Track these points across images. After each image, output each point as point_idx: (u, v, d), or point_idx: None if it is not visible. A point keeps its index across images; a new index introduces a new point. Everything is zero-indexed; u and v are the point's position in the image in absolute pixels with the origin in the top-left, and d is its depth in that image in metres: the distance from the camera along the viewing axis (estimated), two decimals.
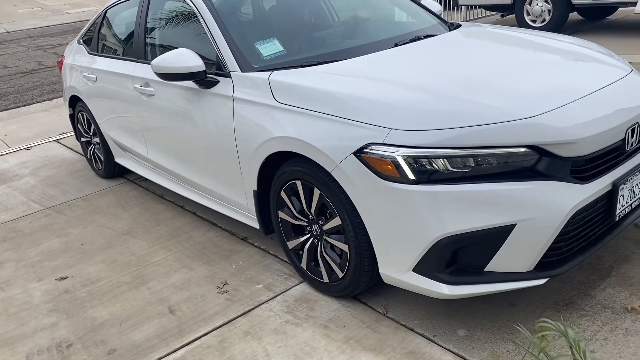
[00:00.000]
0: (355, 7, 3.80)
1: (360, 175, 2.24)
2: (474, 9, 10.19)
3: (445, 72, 2.60)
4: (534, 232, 2.12)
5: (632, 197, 2.44)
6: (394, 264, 2.29)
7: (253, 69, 2.84)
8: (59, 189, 4.60)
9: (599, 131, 2.22)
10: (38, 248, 3.61)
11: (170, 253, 3.34)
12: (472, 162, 2.12)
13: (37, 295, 3.07)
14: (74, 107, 4.82)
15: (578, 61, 2.75)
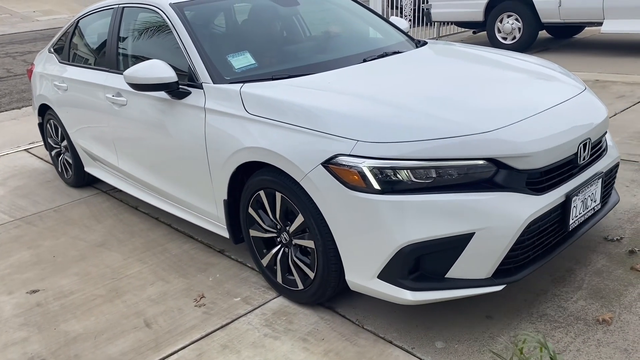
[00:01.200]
0: (326, 23, 3.93)
1: (327, 185, 2.32)
2: (447, 25, 10.40)
3: (410, 87, 2.72)
4: (492, 241, 2.23)
5: (584, 209, 2.59)
6: (360, 271, 2.37)
7: (225, 81, 2.90)
8: (29, 199, 4.50)
9: (553, 145, 2.36)
10: (7, 260, 3.52)
11: (145, 266, 3.30)
12: (434, 174, 2.24)
13: (7, 309, 2.99)
14: (43, 115, 4.80)
15: (535, 79, 2.91)
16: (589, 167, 2.63)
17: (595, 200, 2.68)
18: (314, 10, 3.95)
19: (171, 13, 3.26)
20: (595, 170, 2.64)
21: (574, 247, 3.04)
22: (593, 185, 2.61)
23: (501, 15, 8.40)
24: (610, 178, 2.88)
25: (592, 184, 2.59)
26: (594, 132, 2.61)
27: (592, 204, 2.65)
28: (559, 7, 7.70)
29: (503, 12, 8.37)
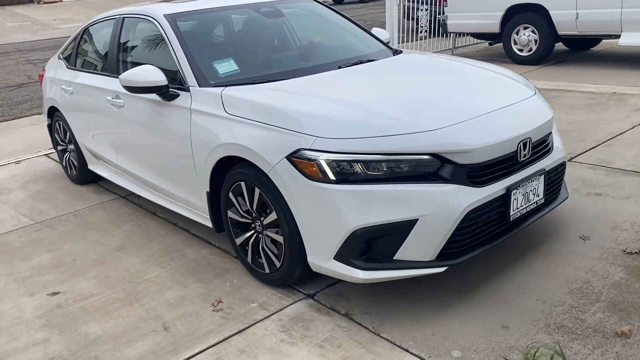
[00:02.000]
0: (311, 34, 4.23)
1: (291, 176, 2.61)
2: (463, 37, 10.41)
3: (372, 90, 3.04)
4: (434, 227, 2.51)
5: (526, 202, 2.86)
6: (319, 253, 2.65)
7: (209, 85, 3.22)
8: (50, 203, 4.57)
9: (490, 143, 2.64)
10: (29, 263, 3.58)
11: (163, 270, 3.34)
12: (384, 167, 2.52)
13: (28, 310, 3.04)
14: (52, 117, 5.09)
15: (487, 85, 3.22)
16: (532, 164, 2.90)
17: (538, 195, 2.93)
18: (300, 22, 4.24)
19: (164, 23, 3.59)
20: (538, 168, 2.91)
21: (591, 259, 3.03)
22: (535, 181, 2.88)
23: (517, 27, 8.40)
24: (556, 176, 3.13)
25: (533, 179, 2.86)
26: (535, 133, 2.87)
27: (534, 198, 2.91)
28: (576, 19, 7.69)
29: (519, 24, 8.38)
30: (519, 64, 8.47)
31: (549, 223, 3.47)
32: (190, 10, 3.80)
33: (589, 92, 6.57)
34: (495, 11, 8.52)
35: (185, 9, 3.79)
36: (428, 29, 10.11)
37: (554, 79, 7.39)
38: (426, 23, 10.07)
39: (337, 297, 2.89)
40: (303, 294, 2.95)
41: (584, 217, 3.51)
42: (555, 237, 3.31)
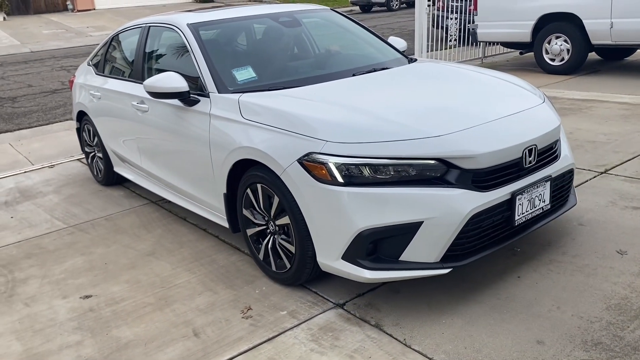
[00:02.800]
0: (328, 42, 4.34)
1: (301, 179, 2.71)
2: (493, 46, 10.31)
3: (382, 97, 3.13)
4: (439, 229, 2.58)
5: (531, 207, 2.91)
6: (327, 253, 2.73)
7: (228, 91, 3.36)
8: (82, 207, 4.65)
9: (495, 149, 2.71)
10: (62, 265, 3.64)
11: (193, 276, 3.36)
12: (391, 170, 2.60)
13: (62, 312, 3.09)
14: (81, 121, 5.29)
15: (497, 93, 3.28)
16: (538, 171, 2.95)
17: (544, 200, 2.98)
18: (318, 31, 4.39)
19: (187, 32, 3.74)
20: (544, 174, 2.95)
21: (629, 274, 2.95)
22: (541, 187, 2.93)
23: (549, 36, 8.29)
24: (563, 182, 3.16)
25: (539, 186, 2.91)
26: (540, 140, 2.92)
27: (540, 204, 2.96)
28: (611, 28, 7.55)
29: (551, 33, 8.26)
30: (551, 74, 8.34)
31: (585, 237, 3.40)
32: (212, 19, 3.94)
33: (624, 103, 6.43)
34: (527, 20, 8.42)
35: (208, 19, 3.93)
36: (457, 38, 10.04)
37: (587, 89, 7.26)
38: (455, 32, 10.01)
39: (366, 307, 2.86)
40: (332, 303, 2.93)
41: (621, 231, 3.43)
42: (591, 251, 3.23)
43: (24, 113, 8.66)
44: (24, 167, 5.92)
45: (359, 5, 24.23)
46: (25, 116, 8.47)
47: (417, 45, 9.10)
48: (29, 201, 4.90)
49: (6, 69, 13.42)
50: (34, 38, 18.88)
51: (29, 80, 11.58)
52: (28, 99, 9.73)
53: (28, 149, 6.67)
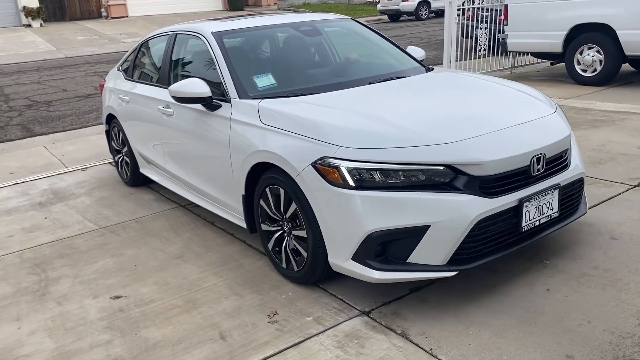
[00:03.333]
0: (347, 51, 4.46)
1: (315, 181, 2.82)
2: (523, 56, 10.20)
3: (396, 105, 3.23)
4: (446, 233, 2.66)
5: (539, 214, 2.96)
6: (338, 253, 2.83)
7: (248, 97, 3.48)
8: (113, 210, 4.75)
9: (502, 157, 2.78)
10: (93, 266, 3.72)
11: (220, 279, 3.40)
12: (401, 175, 2.70)
13: (92, 312, 3.15)
14: (110, 124, 5.46)
15: (508, 103, 3.34)
16: (546, 179, 3.00)
17: (553, 208, 3.03)
18: (337, 40, 4.50)
19: (212, 40, 3.87)
20: (552, 183, 3.01)
21: None
22: (549, 195, 2.99)
23: (581, 46, 8.16)
24: (573, 191, 3.21)
25: (547, 193, 2.97)
26: (549, 149, 2.98)
27: (548, 212, 3.01)
28: None
29: (583, 43, 8.14)
30: (582, 85, 8.22)
31: (617, 251, 3.33)
32: (236, 28, 4.08)
33: None
34: (558, 30, 8.31)
35: (231, 27, 4.07)
36: (487, 48, 9.96)
37: (620, 100, 7.12)
38: (485, 41, 9.94)
39: (392, 316, 2.85)
40: (358, 310, 2.93)
41: None
42: (623, 265, 3.17)
43: (58, 117, 8.88)
44: (57, 169, 6.07)
45: (387, 14, 24.27)
46: (60, 120, 8.69)
47: (445, 54, 9.06)
48: (62, 202, 5.02)
49: (42, 73, 13.80)
50: (69, 44, 19.38)
51: (63, 85, 11.89)
52: (62, 103, 9.99)
53: (62, 152, 6.84)
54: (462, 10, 9.19)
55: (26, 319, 3.13)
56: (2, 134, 8.05)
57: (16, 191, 5.43)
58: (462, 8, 9.14)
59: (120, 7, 26.42)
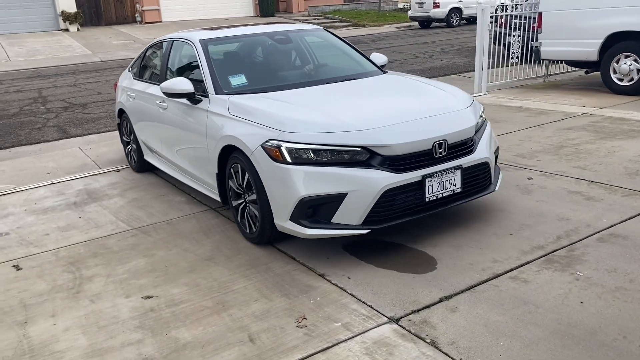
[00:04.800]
0: (314, 57, 5.15)
1: (263, 159, 3.53)
2: (556, 64, 10.04)
3: (336, 100, 3.96)
4: (360, 199, 3.36)
5: (442, 189, 3.60)
6: (280, 215, 3.54)
7: (223, 93, 4.19)
8: (145, 211, 4.84)
9: (406, 141, 3.46)
10: (126, 266, 3.79)
11: (250, 282, 3.42)
12: (328, 154, 3.40)
13: (124, 310, 3.21)
14: (120, 117, 6.16)
15: (426, 98, 4.02)
16: (449, 161, 3.62)
17: (455, 184, 3.65)
18: (307, 47, 5.18)
19: (198, 46, 4.62)
20: (455, 164, 3.63)
21: None
22: (451, 174, 3.61)
23: (618, 55, 7.99)
24: (476, 172, 3.78)
25: (449, 172, 3.60)
26: (451, 136, 3.62)
27: (451, 187, 3.64)
28: None
29: (620, 52, 7.97)
30: (618, 94, 8.04)
31: None
32: (220, 36, 4.82)
33: None
34: (594, 38, 8.16)
35: (216, 36, 4.81)
36: (519, 55, 9.83)
37: None
38: (518, 49, 9.81)
39: (422, 324, 2.84)
40: (387, 317, 2.92)
41: None
42: None
43: (93, 119, 9.09)
44: (92, 170, 6.22)
45: (417, 20, 24.16)
46: (95, 122, 8.89)
47: (477, 62, 8.98)
48: (96, 203, 5.14)
49: (78, 77, 14.15)
50: (104, 48, 19.83)
51: (98, 88, 12.16)
52: (97, 105, 10.22)
53: (96, 153, 7.00)
54: (494, 17, 9.10)
55: (61, 315, 3.21)
56: (40, 135, 8.28)
57: (52, 191, 5.58)
58: (494, 15, 9.05)
59: (154, 12, 26.94)
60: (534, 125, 6.72)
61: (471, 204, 4.35)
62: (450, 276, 3.30)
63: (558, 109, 7.51)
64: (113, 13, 27.51)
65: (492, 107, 7.88)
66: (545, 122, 6.81)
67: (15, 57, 18.83)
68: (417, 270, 3.41)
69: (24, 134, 8.41)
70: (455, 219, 4.12)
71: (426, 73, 11.76)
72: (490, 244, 3.68)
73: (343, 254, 3.70)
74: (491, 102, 8.29)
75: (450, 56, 14.08)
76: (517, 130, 6.52)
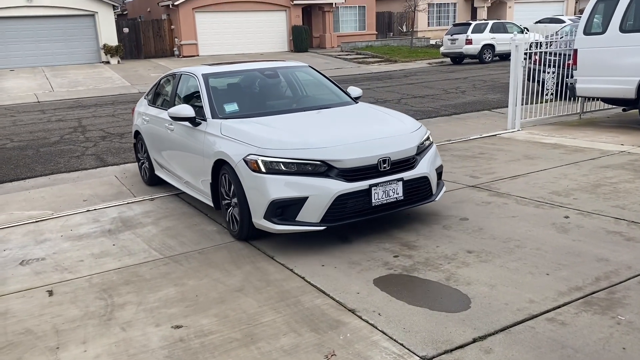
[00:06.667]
0: (296, 89, 6.01)
1: (244, 169, 4.37)
2: (592, 101, 9.90)
3: (306, 124, 4.85)
4: (317, 202, 4.19)
5: (386, 196, 4.39)
6: (256, 214, 4.37)
7: (218, 117, 5.07)
8: (178, 240, 4.89)
9: (355, 157, 4.29)
10: (157, 294, 3.82)
11: (279, 315, 3.40)
12: (295, 167, 4.25)
13: (154, 340, 3.22)
14: (137, 138, 7.01)
15: (378, 124, 4.88)
16: (393, 174, 4.42)
17: (398, 193, 4.43)
18: (291, 81, 6.04)
19: (200, 79, 5.53)
20: (397, 177, 4.43)
21: None
22: (394, 184, 4.41)
23: None
24: (417, 184, 4.57)
25: (392, 183, 4.40)
26: (394, 154, 4.43)
27: (394, 195, 4.42)
28: None
29: None
30: None
31: None
32: (220, 71, 5.77)
33: None
34: (632, 76, 8.04)
35: (217, 70, 5.76)
36: (554, 92, 9.74)
37: None
38: (552, 86, 9.73)
39: None
40: (418, 357, 2.85)
41: None
42: None
43: (129, 148, 9.32)
44: (127, 199, 6.34)
45: (450, 57, 24.29)
46: (131, 151, 9.10)
47: (511, 98, 8.93)
48: (130, 230, 5.22)
49: (117, 107, 14.59)
50: (143, 80, 20.46)
51: None
52: None
53: (131, 182, 7.15)
54: (528, 54, 9.08)
55: (92, 342, 3.23)
56: (78, 163, 8.51)
57: (88, 218, 5.70)
58: (528, 52, 9.02)
59: (192, 46, 27.76)
60: (570, 162, 6.61)
61: (507, 241, 4.27)
62: (484, 316, 3.22)
63: (595, 146, 7.38)
64: (152, 47, 28.44)
65: (525, 144, 7.79)
66: (581, 160, 6.69)
67: (59, 88, 19.58)
68: (450, 308, 3.34)
69: (63, 161, 8.67)
70: (489, 256, 4.04)
71: (458, 108, 11.74)
72: (525, 284, 3.58)
73: (374, 289, 3.65)
74: (525, 138, 8.20)
75: (483, 92, 14.05)
76: (552, 168, 6.41)
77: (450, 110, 11.65)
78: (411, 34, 31.92)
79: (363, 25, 33.24)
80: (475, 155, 7.32)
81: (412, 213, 5.11)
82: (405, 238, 4.53)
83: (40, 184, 7.45)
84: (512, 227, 4.60)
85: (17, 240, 5.11)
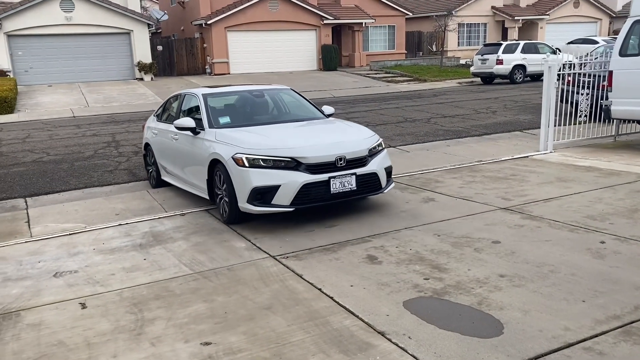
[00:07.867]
0: (278, 107, 7.22)
1: (232, 165, 5.54)
2: (628, 123, 9.69)
3: (282, 132, 6.06)
4: (288, 189, 5.36)
5: (342, 187, 5.54)
6: (241, 200, 5.51)
7: (214, 127, 6.26)
8: (207, 256, 4.92)
9: (317, 155, 5.47)
10: (186, 310, 3.84)
11: (307, 335, 3.38)
12: (271, 162, 5.43)
13: (183, 356, 3.23)
14: (146, 149, 8.10)
15: (338, 133, 6.12)
16: (348, 169, 5.58)
17: (352, 185, 5.58)
18: (274, 100, 7.23)
19: (200, 98, 6.77)
20: (351, 172, 5.59)
21: None
22: (348, 177, 5.56)
23: None
24: (368, 179, 5.73)
25: (347, 176, 5.55)
26: (349, 154, 5.60)
27: (349, 186, 5.57)
28: None
29: None
30: None
31: None
32: (217, 92, 7.04)
33: None
34: None
35: (214, 91, 7.03)
36: (588, 114, 9.57)
37: None
38: (586, 107, 9.56)
39: None
40: None
41: None
42: None
43: None
44: (158, 214, 6.42)
45: (480, 76, 24.13)
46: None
47: (543, 119, 8.80)
48: (160, 245, 5.28)
49: None
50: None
51: None
52: None
53: (163, 197, 7.25)
54: (561, 75, 8.96)
55: (122, 356, 3.26)
56: (111, 177, 8.69)
57: (120, 232, 5.79)
58: (561, 73, 8.91)
59: (223, 65, 28.22)
60: (605, 186, 6.46)
61: (541, 265, 4.17)
62: (518, 342, 3.14)
63: (631, 170, 7.20)
64: (185, 64, 29.02)
65: (558, 166, 7.65)
66: (617, 184, 6.53)
67: (94, 104, 20.10)
68: (482, 333, 3.27)
69: (97, 175, 8.85)
70: (522, 280, 3.96)
71: (489, 129, 11.62)
72: (560, 310, 3.49)
73: (403, 312, 3.60)
74: (558, 160, 8.06)
75: (514, 112, 13.89)
76: (587, 191, 6.27)
77: (481, 130, 11.54)
78: (441, 53, 31.87)
79: (392, 45, 33.31)
80: (507, 176, 7.21)
81: (443, 235, 5.05)
82: (436, 260, 4.48)
83: (74, 197, 7.62)
84: (546, 252, 4.51)
85: (51, 252, 5.21)
